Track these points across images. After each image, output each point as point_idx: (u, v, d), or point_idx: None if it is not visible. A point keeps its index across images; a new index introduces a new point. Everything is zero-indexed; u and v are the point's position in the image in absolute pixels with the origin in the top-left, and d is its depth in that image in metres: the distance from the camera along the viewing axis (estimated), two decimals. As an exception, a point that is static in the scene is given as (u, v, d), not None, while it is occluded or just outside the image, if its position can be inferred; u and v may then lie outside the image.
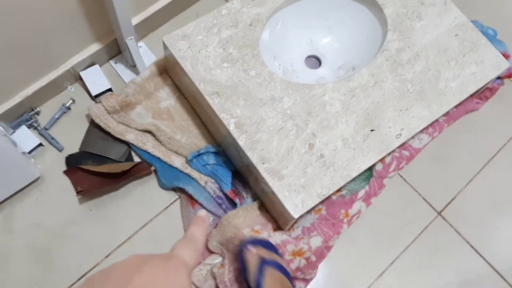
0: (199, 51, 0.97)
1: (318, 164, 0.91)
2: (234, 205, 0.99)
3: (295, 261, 0.95)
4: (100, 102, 1.02)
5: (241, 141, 0.91)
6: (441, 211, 1.07)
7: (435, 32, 1.04)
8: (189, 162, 1.00)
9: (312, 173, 0.90)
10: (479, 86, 1.00)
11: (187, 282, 0.39)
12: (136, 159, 1.04)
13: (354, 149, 0.92)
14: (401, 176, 1.09)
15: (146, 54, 1.13)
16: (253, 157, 0.90)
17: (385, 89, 0.97)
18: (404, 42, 1.02)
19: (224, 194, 0.99)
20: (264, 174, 0.89)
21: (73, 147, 1.03)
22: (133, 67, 1.10)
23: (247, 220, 0.96)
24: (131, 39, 1.01)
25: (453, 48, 1.03)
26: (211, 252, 0.98)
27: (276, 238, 0.96)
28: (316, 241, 0.98)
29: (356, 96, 0.97)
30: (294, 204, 0.88)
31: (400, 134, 0.94)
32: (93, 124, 1.04)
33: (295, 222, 0.99)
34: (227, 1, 1.17)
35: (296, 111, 0.94)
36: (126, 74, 1.11)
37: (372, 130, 0.94)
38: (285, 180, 0.89)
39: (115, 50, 1.11)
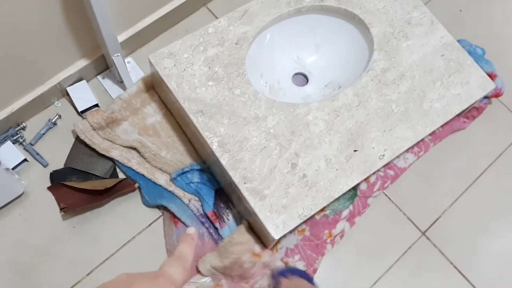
0: (185, 69, 0.97)
1: (300, 184, 0.91)
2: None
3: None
4: (85, 118, 1.03)
5: (224, 160, 0.91)
6: (425, 231, 1.07)
7: (421, 52, 1.04)
8: (173, 180, 1.00)
9: (294, 194, 0.90)
10: (464, 107, 1.00)
11: None
12: (121, 175, 1.05)
13: (337, 169, 0.92)
14: (386, 195, 1.09)
15: (134, 70, 1.13)
16: (235, 176, 0.90)
17: (369, 109, 0.98)
18: (390, 62, 1.02)
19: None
20: (245, 193, 0.89)
21: (58, 163, 1.03)
22: (120, 82, 1.10)
23: (244, 246, 0.94)
24: (118, 56, 1.01)
25: (439, 68, 1.03)
26: (198, 271, 0.97)
27: (277, 261, 0.96)
28: (300, 266, 0.97)
29: (340, 115, 0.97)
30: (275, 225, 0.87)
31: (383, 155, 0.94)
32: (79, 140, 1.04)
33: (278, 243, 0.99)
34: (217, 18, 1.18)
35: (279, 130, 0.94)
36: (114, 90, 1.11)
37: (355, 151, 0.94)
38: (266, 200, 0.89)
39: (103, 66, 1.11)
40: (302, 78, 1.14)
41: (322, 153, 0.93)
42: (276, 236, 0.87)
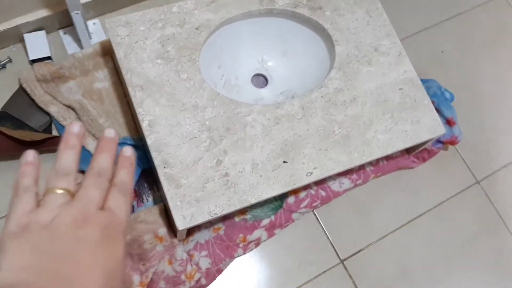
0: (137, 42, 0.95)
1: (220, 182, 0.89)
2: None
3: (186, 284, 0.93)
4: (32, 67, 1.01)
5: (150, 140, 0.89)
6: (345, 259, 1.05)
7: (380, 81, 1.02)
8: (102, 148, 0.99)
9: (211, 189, 0.88)
10: (407, 145, 0.98)
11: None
12: (55, 133, 1.03)
13: (261, 176, 0.91)
14: (315, 215, 1.07)
15: (98, 33, 1.12)
16: (157, 158, 0.88)
17: (311, 125, 0.96)
18: (345, 83, 1.00)
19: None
20: (162, 178, 0.87)
21: (-4, 105, 1.02)
22: (80, 41, 1.09)
23: (148, 226, 0.93)
24: (77, 13, 1.00)
25: (393, 101, 1.01)
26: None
27: (179, 250, 0.94)
28: (204, 262, 0.96)
29: (280, 124, 0.95)
30: (183, 215, 0.86)
31: (312, 173, 0.92)
32: (22, 88, 1.03)
33: (191, 235, 0.98)
34: None
35: (215, 124, 0.93)
36: (72, 47, 1.10)
37: (284, 162, 0.92)
38: (181, 190, 0.87)
39: (68, 21, 1.09)
40: (262, 80, 1.12)
41: (251, 156, 0.92)
42: (180, 226, 0.85)
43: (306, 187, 1.04)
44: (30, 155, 0.39)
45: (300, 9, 1.05)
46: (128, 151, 0.41)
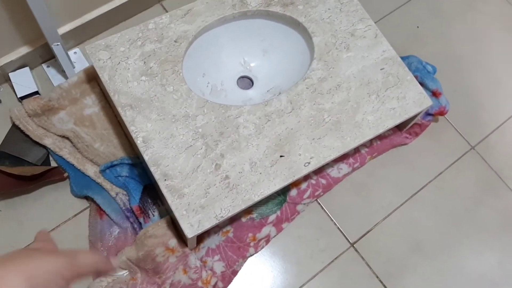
0: (119, 63, 0.97)
1: (221, 185, 0.91)
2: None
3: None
4: (22, 104, 1.03)
5: (147, 156, 0.91)
6: (355, 242, 1.06)
7: (361, 64, 1.04)
8: (101, 172, 1.00)
9: (214, 194, 0.90)
10: (397, 122, 1.00)
11: None
12: (54, 164, 1.05)
13: (260, 173, 0.93)
14: (319, 204, 1.09)
15: (80, 61, 1.14)
16: (156, 172, 0.90)
17: (301, 117, 0.98)
18: (327, 72, 1.02)
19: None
20: (164, 190, 0.89)
21: (-8, 146, 1.04)
22: (64, 72, 1.11)
23: (158, 239, 0.95)
24: (57, 45, 1.02)
25: (376, 81, 1.03)
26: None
27: (191, 258, 0.96)
28: (219, 266, 0.97)
29: (271, 121, 0.97)
30: (190, 223, 0.87)
31: (309, 162, 0.94)
32: (15, 126, 1.04)
33: (201, 242, 0.99)
34: (167, 11, 1.18)
35: (208, 130, 0.94)
36: (57, 79, 1.11)
37: (281, 156, 0.94)
38: (185, 199, 0.89)
39: (49, 54, 1.12)
40: (248, 82, 1.14)
41: (248, 156, 0.94)
42: (189, 234, 0.87)
43: (306, 177, 1.06)
44: None
45: (273, 7, 1.07)
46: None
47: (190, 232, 0.87)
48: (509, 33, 1.37)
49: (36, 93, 1.08)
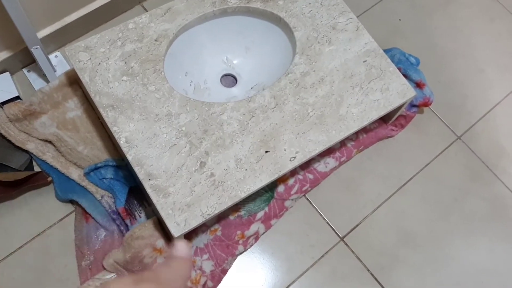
0: (100, 63, 0.96)
1: (207, 183, 0.90)
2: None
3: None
4: (3, 109, 1.02)
5: (130, 156, 0.90)
6: (344, 236, 1.06)
7: (344, 58, 1.04)
8: (85, 175, 0.99)
9: (199, 192, 0.89)
10: (381, 113, 1.00)
11: None
12: (38, 168, 1.03)
13: (246, 169, 0.92)
14: (307, 199, 1.08)
15: (61, 64, 1.12)
16: (140, 172, 0.89)
17: (285, 112, 0.97)
18: (310, 66, 1.02)
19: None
20: (149, 190, 0.88)
21: (-27, 153, 1.02)
22: (45, 76, 1.10)
23: (145, 241, 0.94)
24: (37, 48, 1.01)
25: (359, 74, 1.03)
26: (104, 268, 0.96)
27: None
28: (208, 265, 0.96)
29: (255, 117, 0.96)
30: (176, 222, 0.87)
31: (295, 157, 0.94)
32: (-4, 131, 1.03)
33: (189, 241, 0.98)
34: (147, 10, 1.18)
35: (192, 128, 0.94)
36: (39, 83, 1.10)
37: (266, 152, 0.94)
38: (170, 198, 0.88)
39: (29, 58, 1.10)
40: (231, 80, 1.14)
41: (233, 153, 0.93)
42: (175, 234, 0.86)
43: (293, 173, 1.06)
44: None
45: (253, 4, 1.07)
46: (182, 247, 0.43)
47: (176, 231, 0.86)
48: (489, 22, 1.38)
49: (17, 98, 1.07)
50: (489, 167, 1.18)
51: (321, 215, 1.07)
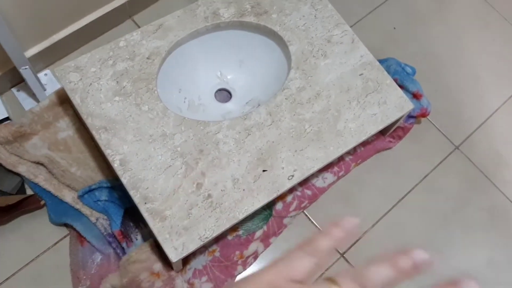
0: (91, 84, 0.94)
1: (204, 205, 0.88)
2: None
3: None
4: (-8, 132, 0.99)
5: (125, 179, 0.88)
6: (344, 253, 1.04)
7: (340, 71, 1.02)
8: (80, 197, 0.97)
9: (197, 215, 0.87)
10: (379, 128, 0.99)
11: None
12: (30, 191, 1.01)
13: (243, 190, 0.90)
14: (306, 215, 1.07)
15: (51, 83, 1.10)
16: (136, 196, 0.87)
17: (281, 129, 0.96)
18: (306, 81, 1.00)
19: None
20: (145, 214, 0.86)
21: (-38, 178, 0.99)
22: (35, 95, 1.07)
23: (142, 264, 0.92)
24: (26, 68, 0.98)
25: (356, 87, 1.01)
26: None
27: (178, 282, 0.93)
28: (207, 287, 0.94)
29: (251, 134, 0.94)
30: (174, 247, 0.85)
31: (293, 175, 0.92)
32: (-14, 154, 1.00)
33: (187, 263, 0.96)
34: (139, 27, 1.15)
35: (187, 148, 0.92)
36: (28, 103, 1.07)
37: (264, 171, 0.92)
38: (167, 222, 0.86)
39: (18, 78, 1.08)
40: (226, 94, 1.12)
41: (230, 173, 0.91)
42: (173, 259, 0.84)
43: (291, 190, 1.04)
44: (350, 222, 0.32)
45: (246, 18, 1.05)
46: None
47: (174, 256, 0.84)
48: (484, 29, 1.36)
49: (7, 119, 1.04)
50: (487, 176, 1.17)
51: (320, 231, 1.06)
